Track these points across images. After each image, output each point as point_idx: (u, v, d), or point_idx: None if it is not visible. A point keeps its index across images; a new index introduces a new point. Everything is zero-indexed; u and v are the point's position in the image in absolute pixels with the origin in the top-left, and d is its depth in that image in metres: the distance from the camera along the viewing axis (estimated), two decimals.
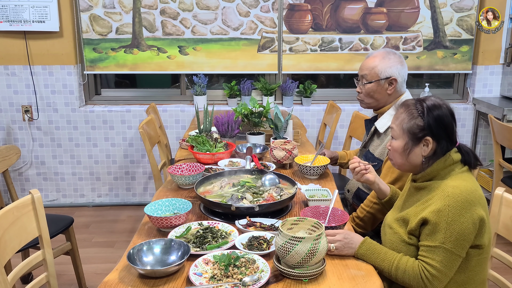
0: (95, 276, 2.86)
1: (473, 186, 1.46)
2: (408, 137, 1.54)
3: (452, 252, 1.41)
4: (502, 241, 1.77)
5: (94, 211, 3.92)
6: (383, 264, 1.49)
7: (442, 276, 1.42)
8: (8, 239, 1.55)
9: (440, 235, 1.41)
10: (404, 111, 1.56)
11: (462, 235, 1.40)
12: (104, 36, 3.71)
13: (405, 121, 1.54)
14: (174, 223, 1.66)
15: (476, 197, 1.44)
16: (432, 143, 1.51)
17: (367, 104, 2.23)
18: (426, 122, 1.50)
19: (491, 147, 3.93)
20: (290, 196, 1.84)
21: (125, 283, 1.38)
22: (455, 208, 1.41)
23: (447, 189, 1.44)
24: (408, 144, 1.55)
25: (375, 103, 2.21)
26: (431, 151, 1.53)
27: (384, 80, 2.14)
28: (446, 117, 1.51)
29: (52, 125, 3.82)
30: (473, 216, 1.42)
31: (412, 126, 1.53)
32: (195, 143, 2.48)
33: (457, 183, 1.46)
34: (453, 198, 1.42)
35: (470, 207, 1.42)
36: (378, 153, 2.16)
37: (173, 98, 4.00)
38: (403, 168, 1.62)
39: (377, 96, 2.17)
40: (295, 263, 1.38)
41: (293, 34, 3.76)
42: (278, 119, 2.65)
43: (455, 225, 1.40)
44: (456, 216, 1.40)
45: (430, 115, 1.50)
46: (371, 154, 2.20)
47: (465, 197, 1.42)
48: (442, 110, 1.51)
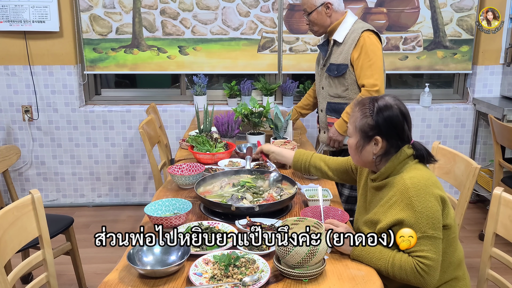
0: (95, 276, 2.87)
1: (427, 173, 1.54)
2: (360, 135, 1.59)
3: (434, 237, 1.47)
4: (501, 241, 1.77)
5: (94, 211, 3.92)
6: (379, 263, 1.49)
7: (435, 263, 1.46)
8: (8, 239, 1.55)
9: (418, 226, 1.46)
10: (359, 109, 1.60)
11: (434, 218, 1.46)
12: (104, 36, 3.71)
13: (358, 119, 1.59)
14: (174, 223, 1.66)
15: (432, 181, 1.51)
16: (381, 142, 1.56)
17: (317, 32, 2.63)
18: (376, 121, 1.55)
19: (491, 147, 3.93)
20: (290, 196, 1.85)
21: (125, 283, 1.38)
22: (419, 196, 1.47)
23: (405, 182, 1.50)
24: (360, 142, 1.60)
25: (322, 28, 2.61)
26: (381, 150, 1.58)
27: (321, 7, 2.53)
28: (395, 118, 1.55)
29: (52, 125, 3.82)
30: (436, 197, 1.48)
31: (364, 125, 1.57)
32: (195, 143, 2.48)
33: (412, 173, 1.52)
34: (413, 188, 1.48)
35: (430, 190, 1.48)
36: (341, 59, 2.53)
37: (173, 98, 4.00)
38: (359, 164, 1.68)
39: (321, 22, 2.57)
40: (295, 263, 1.38)
41: (293, 34, 3.76)
42: (278, 119, 2.65)
43: (426, 211, 1.46)
44: (423, 203, 1.46)
45: (380, 115, 1.55)
46: (334, 66, 2.55)
47: (423, 183, 1.49)
48: (393, 110, 1.55)
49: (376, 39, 2.48)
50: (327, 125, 2.68)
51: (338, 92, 2.58)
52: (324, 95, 2.67)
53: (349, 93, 2.55)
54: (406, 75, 4.20)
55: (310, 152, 2.05)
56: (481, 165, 3.16)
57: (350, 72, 2.51)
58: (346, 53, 2.50)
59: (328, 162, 1.98)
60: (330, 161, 1.98)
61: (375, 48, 2.45)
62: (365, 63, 2.44)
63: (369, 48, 2.44)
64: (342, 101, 2.58)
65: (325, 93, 2.66)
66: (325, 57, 2.63)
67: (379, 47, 2.47)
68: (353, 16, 2.58)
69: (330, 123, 2.65)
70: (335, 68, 2.55)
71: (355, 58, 2.47)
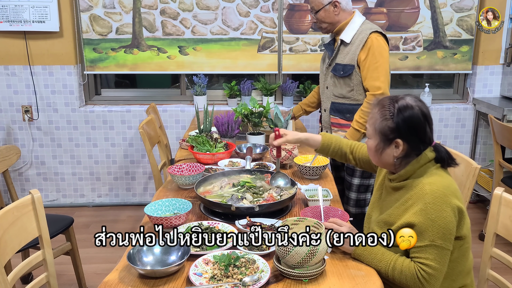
0: (95, 276, 2.87)
1: (448, 181, 1.50)
2: (380, 138, 1.55)
3: (443, 248, 1.44)
4: (502, 241, 1.77)
5: (94, 211, 3.92)
6: (380, 265, 1.48)
7: (438, 273, 1.44)
8: (8, 239, 1.55)
9: (428, 233, 1.43)
10: (378, 111, 1.55)
11: (447, 229, 1.43)
12: (104, 36, 3.71)
13: (377, 121, 1.54)
14: (174, 223, 1.66)
15: (452, 190, 1.47)
16: (402, 145, 1.52)
17: (325, 29, 2.61)
18: (396, 124, 1.50)
19: (491, 147, 3.93)
20: (290, 196, 1.85)
21: (125, 283, 1.38)
22: (435, 205, 1.43)
23: (424, 187, 1.47)
24: (379, 145, 1.56)
25: (330, 26, 2.59)
26: (402, 152, 1.53)
27: (328, 5, 2.51)
28: (417, 120, 1.50)
29: (52, 125, 3.82)
30: (453, 208, 1.44)
31: (384, 128, 1.52)
32: (195, 143, 2.48)
33: (433, 179, 1.48)
34: (431, 195, 1.44)
35: (449, 200, 1.44)
36: (347, 60, 2.51)
37: (173, 98, 4.00)
38: (378, 165, 1.64)
39: (329, 20, 2.55)
40: (295, 263, 1.38)
41: (293, 34, 3.76)
42: (278, 119, 2.65)
43: (439, 221, 1.43)
44: (438, 212, 1.43)
45: (401, 118, 1.49)
46: (341, 66, 2.54)
47: (442, 192, 1.45)
48: (414, 112, 1.50)
49: (384, 42, 2.47)
50: (331, 125, 2.66)
51: (343, 93, 2.56)
52: (328, 94, 2.66)
53: (354, 94, 2.54)
54: (406, 75, 4.20)
55: (336, 136, 1.99)
56: (481, 165, 3.16)
57: (356, 73, 2.49)
58: (353, 54, 2.49)
59: (353, 149, 1.93)
60: (355, 149, 1.93)
61: (382, 50, 2.44)
62: (371, 65, 2.43)
63: (377, 50, 2.43)
64: (346, 101, 2.56)
65: (329, 92, 2.65)
66: (331, 57, 2.60)
67: (386, 49, 2.46)
68: (361, 17, 2.57)
69: (334, 123, 2.63)
70: (341, 68, 2.53)
71: (362, 59, 2.45)
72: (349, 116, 2.55)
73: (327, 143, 1.95)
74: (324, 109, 2.72)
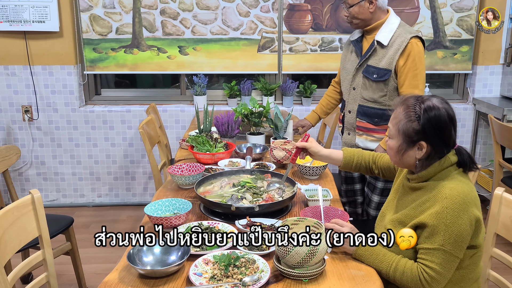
0: (95, 276, 2.87)
1: (469, 188, 1.46)
2: (403, 139, 1.51)
3: (451, 254, 1.41)
4: (502, 241, 1.77)
5: (94, 211, 3.92)
6: (381, 266, 1.48)
7: (441, 278, 1.42)
8: (8, 239, 1.55)
9: (439, 237, 1.41)
10: (402, 111, 1.51)
11: (460, 237, 1.41)
12: (104, 36, 3.71)
13: (401, 122, 1.50)
14: (174, 223, 1.66)
15: (472, 199, 1.44)
16: (426, 147, 1.49)
17: (356, 25, 2.47)
18: (422, 126, 1.46)
19: (491, 147, 3.93)
20: (290, 196, 1.85)
21: (125, 283, 1.38)
22: (453, 210, 1.40)
23: (444, 190, 1.44)
24: (402, 146, 1.52)
25: (362, 23, 2.44)
26: (425, 154, 1.50)
27: (364, 1, 2.38)
28: (443, 123, 1.46)
29: (52, 125, 3.82)
30: (470, 217, 1.42)
31: (408, 129, 1.49)
32: (195, 143, 2.48)
33: (454, 184, 1.45)
34: (451, 200, 1.41)
35: (467, 209, 1.42)
36: (383, 64, 2.38)
37: (173, 98, 4.00)
38: (398, 165, 1.61)
39: (362, 16, 2.41)
40: (295, 263, 1.38)
41: (293, 34, 3.76)
42: (278, 119, 2.65)
43: (453, 227, 1.40)
44: (454, 218, 1.40)
45: (426, 120, 1.45)
46: (375, 69, 2.40)
47: (462, 198, 1.42)
48: (440, 115, 1.46)
49: (422, 48, 2.38)
50: (356, 128, 2.52)
51: (375, 97, 2.42)
52: (356, 96, 2.49)
53: (386, 100, 2.41)
54: None
55: (358, 150, 1.97)
56: (481, 165, 3.16)
57: (392, 79, 2.37)
58: (391, 59, 2.35)
59: (376, 160, 1.90)
60: (377, 159, 1.90)
61: (422, 57, 2.35)
62: (410, 72, 2.33)
63: (417, 56, 2.33)
64: (376, 106, 2.43)
65: (357, 94, 2.49)
66: (363, 57, 2.45)
67: (424, 56, 2.38)
68: (396, 17, 2.46)
69: (360, 126, 2.49)
70: (375, 71, 2.39)
71: (401, 65, 2.34)
72: (378, 120, 2.44)
73: (350, 156, 1.93)
74: (348, 111, 2.55)
